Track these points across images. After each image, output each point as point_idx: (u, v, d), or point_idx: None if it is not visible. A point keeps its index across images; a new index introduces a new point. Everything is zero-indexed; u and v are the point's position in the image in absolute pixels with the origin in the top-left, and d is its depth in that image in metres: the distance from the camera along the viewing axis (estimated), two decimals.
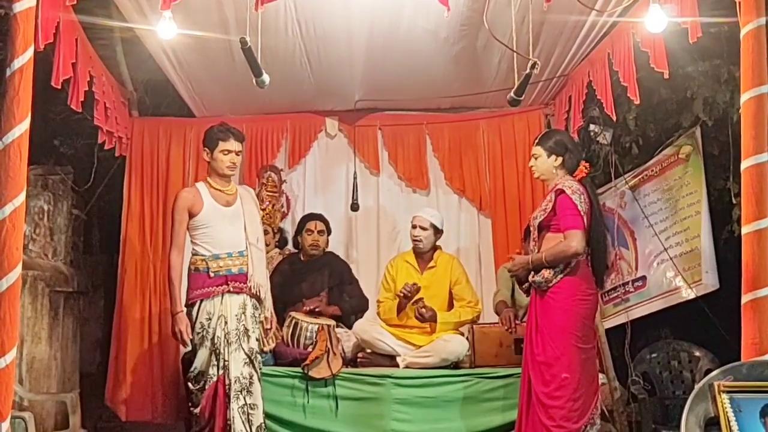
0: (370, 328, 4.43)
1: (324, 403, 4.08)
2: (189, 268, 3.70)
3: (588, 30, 4.17)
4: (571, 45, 4.36)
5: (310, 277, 4.71)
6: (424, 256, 4.56)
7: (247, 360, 3.61)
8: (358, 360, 4.44)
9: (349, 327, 4.60)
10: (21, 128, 2.74)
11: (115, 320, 5.02)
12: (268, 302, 3.88)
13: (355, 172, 5.15)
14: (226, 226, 3.72)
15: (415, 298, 4.32)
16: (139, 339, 4.98)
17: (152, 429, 4.95)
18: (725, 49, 4.39)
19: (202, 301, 3.61)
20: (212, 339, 3.57)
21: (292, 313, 4.39)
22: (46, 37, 3.17)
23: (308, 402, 4.06)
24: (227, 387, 3.54)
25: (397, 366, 4.27)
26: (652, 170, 4.92)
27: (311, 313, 4.42)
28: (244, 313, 3.66)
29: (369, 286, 4.93)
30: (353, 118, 5.37)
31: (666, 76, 3.65)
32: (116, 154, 4.99)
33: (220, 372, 3.56)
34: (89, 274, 5.56)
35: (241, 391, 3.55)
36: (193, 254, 3.70)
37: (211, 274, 3.62)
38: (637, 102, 4.02)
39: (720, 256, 4.49)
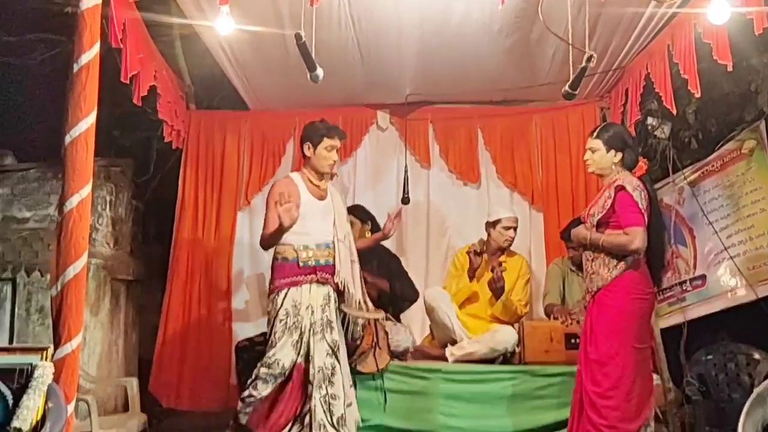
0: (441, 297, 4.48)
1: (373, 395, 4.10)
2: (275, 258, 3.72)
3: (647, 21, 4.07)
4: (628, 37, 4.27)
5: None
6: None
7: (330, 351, 3.68)
8: (408, 353, 4.45)
9: (401, 312, 4.64)
10: (87, 122, 2.83)
11: (164, 308, 5.13)
12: (358, 295, 3.88)
13: (405, 166, 5.13)
14: (317, 219, 3.77)
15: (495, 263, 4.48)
16: (187, 328, 5.08)
17: (200, 416, 5.05)
18: None
19: (289, 289, 3.65)
20: (300, 327, 3.63)
21: (342, 306, 4.41)
22: (120, 34, 3.28)
23: (357, 394, 4.11)
24: (311, 376, 3.60)
25: (446, 360, 4.28)
26: (713, 165, 4.77)
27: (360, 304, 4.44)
28: (328, 304, 3.73)
29: (417, 279, 4.93)
30: (404, 112, 5.36)
31: (729, 68, 3.52)
32: (173, 147, 5.12)
33: (300, 360, 3.62)
34: (146, 264, 5.72)
35: (323, 381, 3.62)
36: (281, 243, 3.71)
37: (301, 264, 3.66)
38: (698, 95, 3.90)
39: None
